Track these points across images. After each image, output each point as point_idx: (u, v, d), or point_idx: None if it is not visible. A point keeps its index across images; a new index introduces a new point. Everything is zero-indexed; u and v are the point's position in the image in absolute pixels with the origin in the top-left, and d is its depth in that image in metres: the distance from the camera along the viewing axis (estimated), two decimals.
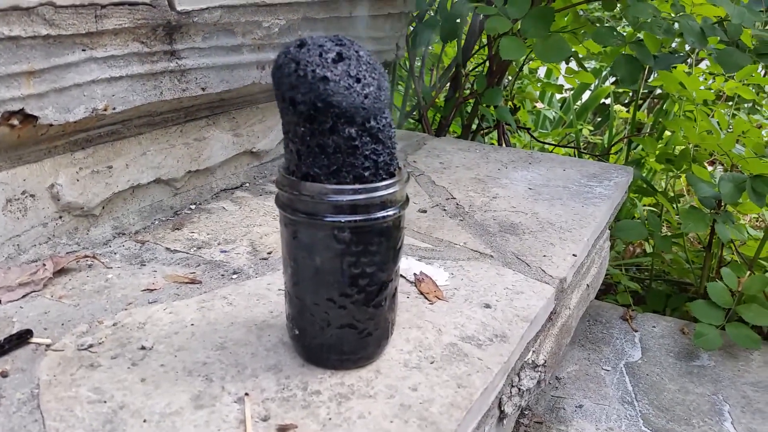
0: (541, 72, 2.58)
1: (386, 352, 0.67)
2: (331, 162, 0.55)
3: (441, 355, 0.67)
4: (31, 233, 0.81)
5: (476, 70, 1.90)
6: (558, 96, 2.94)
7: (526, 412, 1.07)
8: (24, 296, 0.75)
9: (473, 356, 0.67)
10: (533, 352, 0.81)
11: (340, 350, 0.63)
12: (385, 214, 0.58)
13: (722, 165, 2.10)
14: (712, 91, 1.67)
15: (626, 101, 2.79)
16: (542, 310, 0.79)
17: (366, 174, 0.56)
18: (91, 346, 0.66)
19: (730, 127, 1.62)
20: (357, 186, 0.56)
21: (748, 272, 1.36)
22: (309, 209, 0.57)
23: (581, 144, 2.34)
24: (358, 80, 0.54)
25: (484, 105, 1.57)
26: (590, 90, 2.80)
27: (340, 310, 0.60)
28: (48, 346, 0.66)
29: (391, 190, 0.57)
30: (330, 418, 0.57)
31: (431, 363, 0.66)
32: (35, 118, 0.75)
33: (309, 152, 0.55)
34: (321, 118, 0.54)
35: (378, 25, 1.33)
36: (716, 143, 1.42)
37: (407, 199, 0.61)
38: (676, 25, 1.26)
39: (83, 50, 0.78)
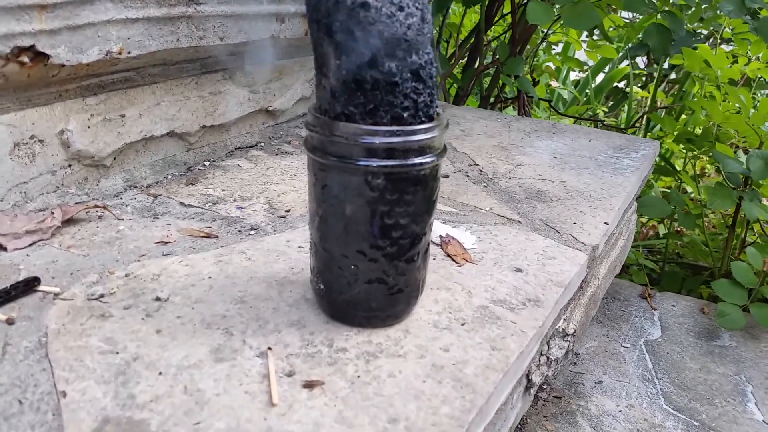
0: (557, 50, 2.52)
1: (415, 312, 0.63)
2: (368, 100, 0.51)
3: (472, 317, 0.63)
4: (39, 180, 0.77)
5: (496, 40, 1.85)
6: (571, 77, 2.89)
7: (545, 386, 1.03)
8: (31, 244, 0.71)
9: (506, 319, 0.63)
10: (564, 320, 0.77)
11: (368, 307, 0.59)
12: (423, 160, 0.53)
13: (740, 148, 2.05)
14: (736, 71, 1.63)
15: (640, 85, 2.74)
16: (576, 277, 0.75)
17: (405, 114, 0.52)
18: (102, 296, 0.62)
19: (753, 109, 1.57)
20: (394, 127, 0.52)
21: None
22: (341, 152, 0.53)
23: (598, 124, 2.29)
24: (401, 8, 0.50)
25: (506, 74, 1.52)
26: (604, 72, 2.75)
27: (371, 263, 0.56)
28: (56, 294, 0.62)
29: (430, 135, 0.53)
30: (358, 376, 0.53)
31: (462, 324, 0.62)
32: (46, 56, 0.70)
33: (344, 88, 0.51)
34: (359, 49, 0.49)
35: None
36: (743, 121, 1.37)
37: (445, 148, 0.57)
38: None
39: None
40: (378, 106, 0.51)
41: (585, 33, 1.92)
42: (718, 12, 1.29)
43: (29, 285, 0.62)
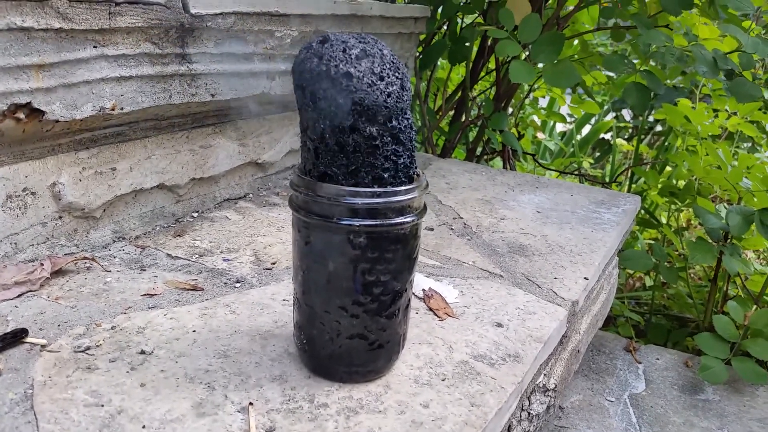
0: (542, 103, 2.58)
1: (396, 367, 0.64)
2: (350, 161, 0.53)
3: (453, 373, 0.64)
4: (29, 232, 0.78)
5: (482, 95, 1.90)
6: (558, 129, 2.95)
7: None
8: (20, 295, 0.72)
9: (486, 375, 0.64)
10: (544, 375, 0.78)
11: (350, 362, 0.60)
12: (404, 220, 0.55)
13: (723, 201, 2.09)
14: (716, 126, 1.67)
15: (626, 136, 2.80)
16: (555, 332, 0.76)
17: (385, 175, 0.54)
18: (88, 348, 0.63)
19: (734, 162, 1.61)
20: (376, 189, 0.54)
21: (755, 306, 1.34)
22: (324, 212, 0.55)
23: (582, 177, 2.33)
24: (382, 78, 0.52)
25: (491, 129, 1.56)
26: (590, 124, 2.81)
27: (352, 319, 0.58)
28: (43, 346, 0.63)
29: (410, 196, 0.55)
30: None
31: (443, 380, 0.63)
32: (42, 112, 0.73)
33: (327, 150, 0.53)
34: (342, 115, 0.52)
35: (388, 44, 1.32)
36: (723, 177, 1.41)
37: (425, 207, 0.59)
38: (687, 56, 1.26)
39: (94, 47, 0.76)
40: (360, 168, 0.54)
41: (569, 89, 1.97)
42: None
43: (17, 336, 0.63)
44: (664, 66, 1.64)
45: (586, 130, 2.79)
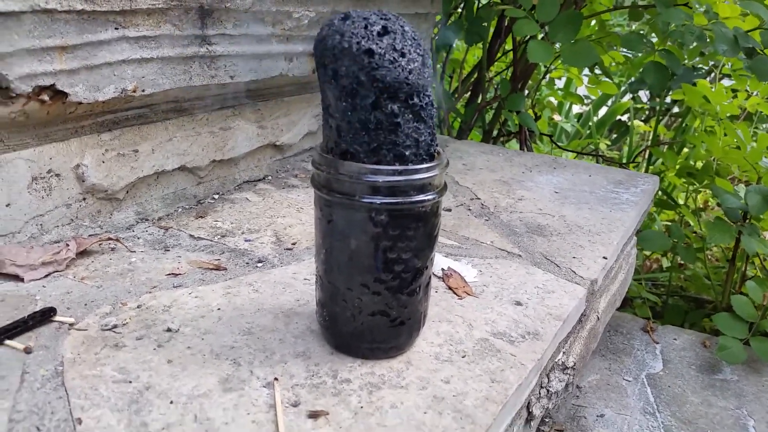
0: (559, 85, 2.56)
1: (417, 344, 0.65)
2: (372, 139, 0.54)
3: (473, 350, 0.65)
4: (54, 213, 0.80)
5: (498, 76, 1.89)
6: (574, 111, 2.93)
7: (547, 420, 1.04)
8: (46, 276, 0.73)
9: (506, 352, 0.65)
10: (563, 353, 0.79)
11: (371, 338, 0.61)
12: (425, 198, 0.56)
13: (741, 182, 2.08)
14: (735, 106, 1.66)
15: (643, 118, 2.77)
16: (574, 310, 0.77)
17: (407, 153, 0.55)
18: (115, 326, 0.64)
19: (753, 143, 1.60)
20: (397, 167, 0.54)
21: None
22: (346, 190, 0.55)
23: (599, 158, 2.32)
24: (403, 55, 0.53)
25: (507, 110, 1.55)
26: (607, 106, 2.79)
27: (374, 296, 0.58)
28: (71, 325, 0.64)
29: (431, 174, 0.56)
30: (362, 407, 0.55)
31: (463, 357, 0.64)
32: (65, 94, 0.74)
33: (349, 128, 0.54)
34: (363, 92, 0.52)
35: None
36: (742, 157, 1.40)
37: (445, 185, 0.59)
38: (707, 34, 1.25)
39: (116, 29, 0.77)
40: (381, 145, 0.54)
41: (586, 69, 1.96)
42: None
43: (45, 315, 0.64)
44: (682, 45, 1.62)
45: (603, 111, 2.76)
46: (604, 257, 0.90)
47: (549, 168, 1.30)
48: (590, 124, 2.67)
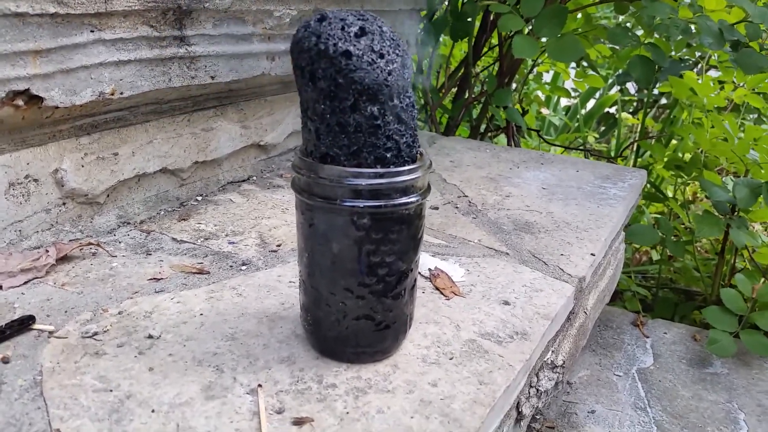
0: (547, 78, 2.56)
1: (403, 347, 0.64)
2: (352, 142, 0.53)
3: (460, 351, 0.64)
4: (33, 219, 0.78)
5: (485, 71, 1.88)
6: (562, 104, 2.93)
7: (538, 417, 1.04)
8: (26, 282, 0.72)
9: (494, 353, 0.64)
10: (552, 352, 0.78)
11: (357, 343, 0.60)
12: (407, 200, 0.55)
13: (729, 174, 2.08)
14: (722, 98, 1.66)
15: (631, 110, 2.77)
16: (562, 309, 0.76)
17: (388, 155, 0.54)
18: (95, 333, 0.63)
19: (740, 134, 1.60)
20: (379, 170, 0.53)
21: (762, 279, 1.34)
22: (327, 193, 0.54)
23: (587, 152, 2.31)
24: (382, 56, 0.52)
25: (494, 105, 1.55)
26: (594, 99, 2.79)
27: (358, 300, 0.57)
28: (51, 332, 0.63)
29: (414, 176, 0.55)
30: (347, 412, 0.54)
31: (450, 359, 0.63)
32: (41, 99, 0.72)
33: (329, 131, 0.53)
34: (342, 94, 0.51)
35: (388, 21, 1.31)
36: (729, 149, 1.40)
37: (429, 187, 0.59)
38: (692, 27, 1.25)
39: (92, 31, 0.75)
40: (362, 148, 0.53)
41: (573, 63, 1.95)
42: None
43: (24, 323, 0.63)
44: (668, 38, 1.62)
45: (591, 104, 2.76)
46: (592, 254, 0.89)
47: (536, 164, 1.30)
48: (578, 117, 2.66)
